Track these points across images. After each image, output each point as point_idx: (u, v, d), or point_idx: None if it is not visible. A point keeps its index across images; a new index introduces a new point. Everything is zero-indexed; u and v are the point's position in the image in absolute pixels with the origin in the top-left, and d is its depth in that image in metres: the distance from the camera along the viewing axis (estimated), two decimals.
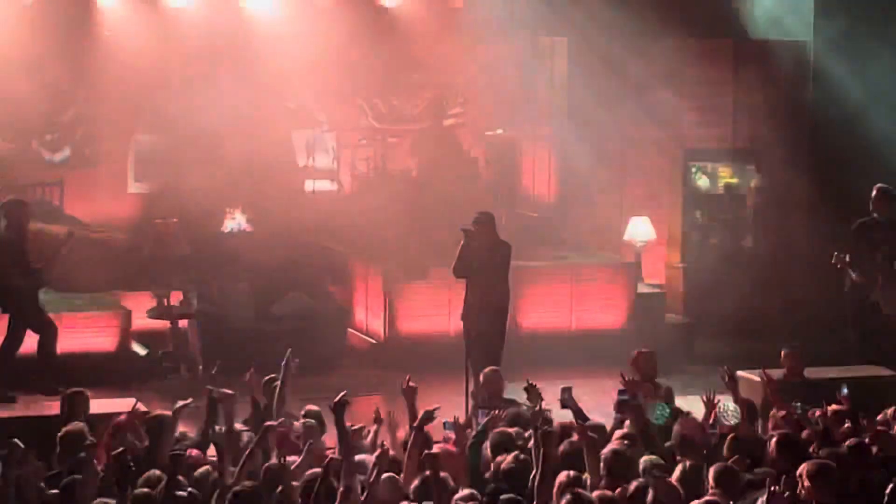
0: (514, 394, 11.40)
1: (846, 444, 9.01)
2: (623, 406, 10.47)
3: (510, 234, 14.75)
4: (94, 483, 8.23)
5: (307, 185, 18.70)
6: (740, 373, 11.52)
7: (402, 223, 17.93)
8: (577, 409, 10.14)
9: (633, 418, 9.79)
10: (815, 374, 12.78)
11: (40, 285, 14.06)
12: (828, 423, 9.89)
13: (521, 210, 18.67)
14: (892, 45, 16.98)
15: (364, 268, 17.35)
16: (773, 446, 8.84)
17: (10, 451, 8.33)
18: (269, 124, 18.63)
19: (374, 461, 8.55)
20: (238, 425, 9.87)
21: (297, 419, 10.05)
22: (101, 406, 11.25)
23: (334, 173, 19.43)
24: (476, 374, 13.14)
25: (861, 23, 16.99)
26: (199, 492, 8.25)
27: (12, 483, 8.27)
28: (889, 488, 8.19)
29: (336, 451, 8.95)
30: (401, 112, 19.86)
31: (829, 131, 16.96)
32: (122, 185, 18.87)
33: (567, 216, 18.15)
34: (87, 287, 16.23)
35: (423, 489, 8.24)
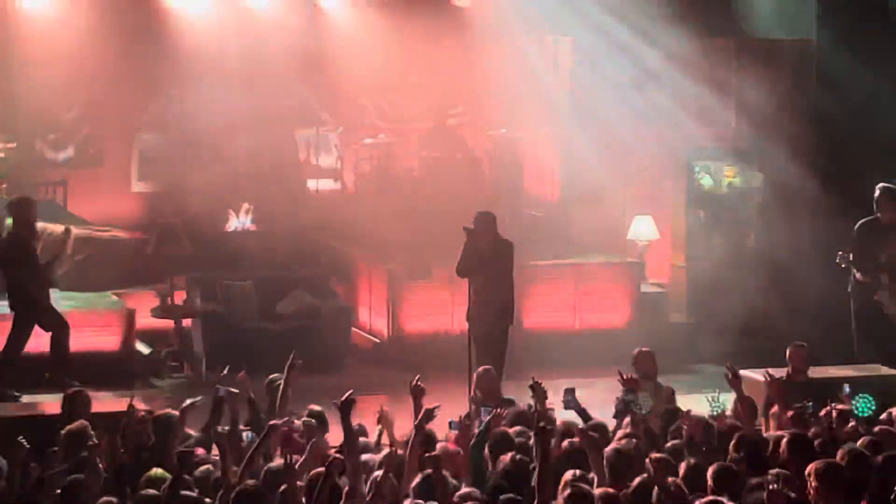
0: (519, 392, 11.40)
1: (857, 444, 9.00)
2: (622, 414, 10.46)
3: (514, 233, 14.74)
4: (97, 482, 8.23)
5: (311, 184, 18.69)
6: (743, 372, 11.50)
7: (405, 222, 17.94)
8: (580, 409, 10.15)
9: (634, 417, 9.82)
10: (817, 373, 12.77)
11: (50, 283, 14.06)
12: (832, 422, 9.90)
13: (524, 209, 18.67)
14: None
15: (368, 267, 17.35)
16: (784, 446, 8.81)
17: (15, 451, 8.36)
18: (273, 123, 18.63)
19: (382, 461, 8.56)
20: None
21: (300, 418, 10.04)
22: (103, 405, 11.25)
23: (338, 172, 19.44)
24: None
25: (865, 21, 16.96)
26: (201, 490, 8.25)
27: (17, 482, 8.30)
28: None
29: (338, 450, 8.98)
30: (404, 111, 19.87)
31: (833, 130, 16.93)
32: (126, 185, 18.90)
33: (571, 215, 18.15)
34: (91, 286, 16.25)
35: (423, 487, 8.24)
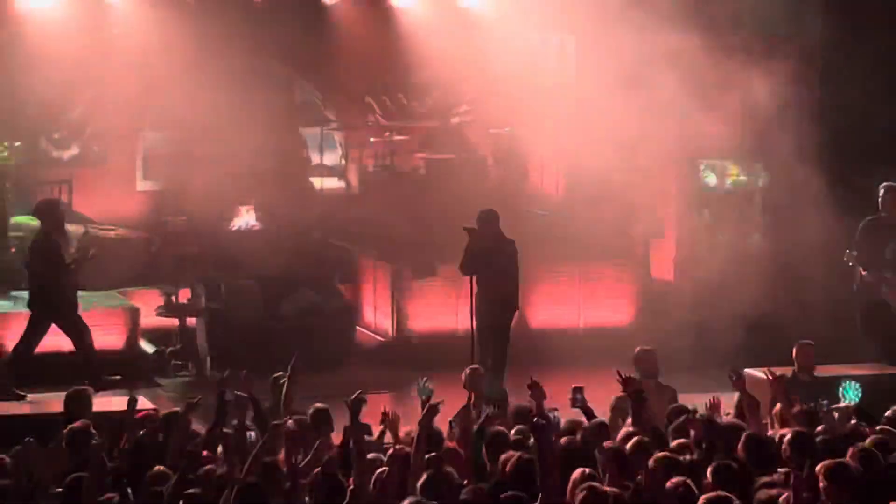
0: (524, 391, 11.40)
1: (866, 442, 9.00)
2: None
3: (518, 232, 14.74)
4: (101, 480, 8.23)
5: (315, 183, 18.69)
6: (748, 370, 11.49)
7: (410, 221, 17.96)
8: (587, 408, 10.16)
9: (635, 414, 9.84)
10: (823, 371, 12.76)
11: (76, 286, 14.08)
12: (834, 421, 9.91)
13: (529, 208, 18.67)
14: None
15: (372, 265, 17.36)
16: (786, 445, 8.82)
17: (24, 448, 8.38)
18: (277, 122, 18.62)
19: (388, 460, 8.56)
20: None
21: (305, 417, 10.04)
22: (105, 404, 11.26)
23: (342, 171, 19.44)
24: (484, 369, 13.24)
25: (870, 19, 16.95)
26: (204, 490, 8.25)
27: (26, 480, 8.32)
28: None
29: (340, 449, 9.01)
30: (409, 110, 19.86)
31: (837, 128, 16.92)
32: (131, 184, 18.90)
33: (575, 214, 18.12)
34: (96, 285, 16.26)
35: (429, 485, 8.24)
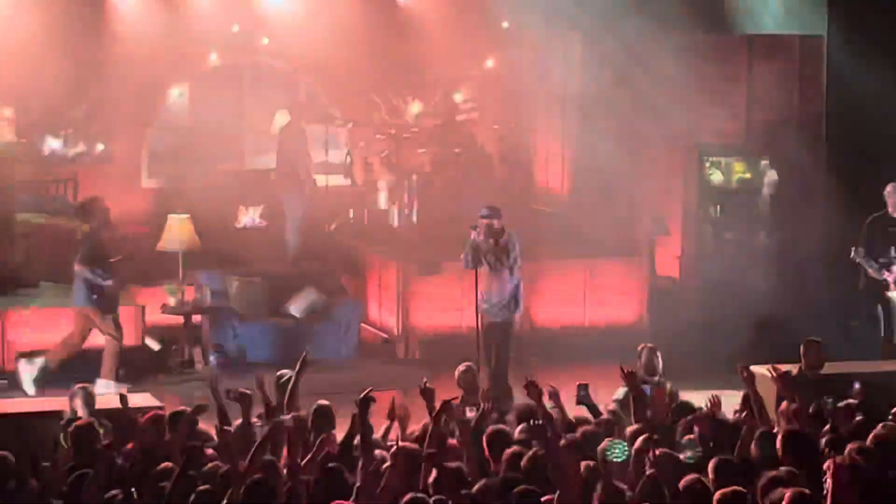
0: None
1: (872, 440, 8.99)
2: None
3: (524, 229, 14.73)
4: (105, 477, 8.24)
5: (321, 180, 18.68)
6: (753, 368, 11.46)
7: (415, 218, 17.96)
8: (592, 405, 10.15)
9: (637, 410, 9.85)
10: (828, 369, 12.73)
11: (122, 284, 14.32)
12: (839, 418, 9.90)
13: (534, 205, 18.66)
14: None
15: (378, 262, 17.35)
16: (780, 442, 8.83)
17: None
18: (282, 119, 18.61)
19: (393, 456, 8.56)
20: (254, 419, 9.90)
21: (306, 414, 10.03)
22: (108, 401, 11.24)
23: (348, 168, 19.43)
24: (488, 367, 13.24)
25: (876, 15, 16.91)
26: (209, 486, 8.25)
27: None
28: None
29: (341, 447, 9.02)
30: (414, 107, 19.84)
31: (843, 125, 16.90)
32: (136, 181, 18.92)
33: (581, 211, 18.10)
34: None
35: (440, 481, 8.24)
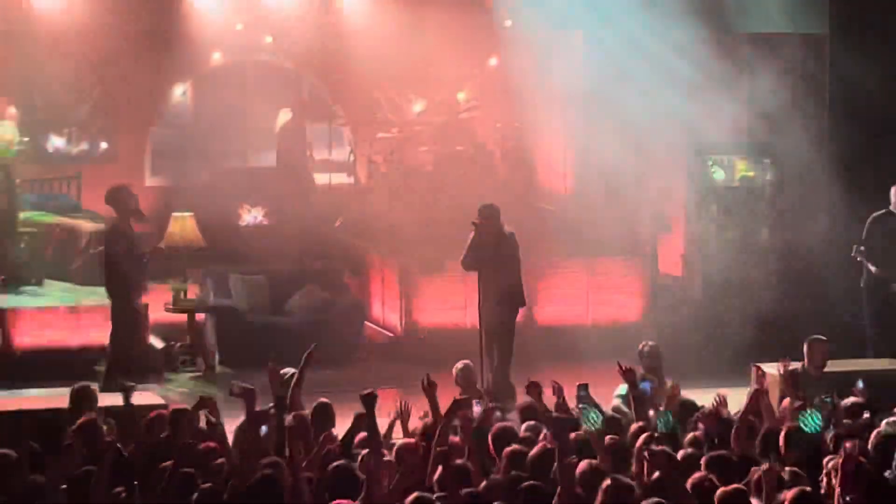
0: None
1: (872, 438, 9.01)
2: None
3: (526, 227, 14.74)
4: (108, 474, 8.26)
5: (324, 178, 18.72)
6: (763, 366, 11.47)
7: (418, 216, 17.96)
8: (594, 405, 10.15)
9: (637, 408, 9.86)
10: (831, 367, 12.74)
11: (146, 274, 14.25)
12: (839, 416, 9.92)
13: (537, 203, 18.67)
14: None
15: (380, 261, 17.36)
16: (782, 439, 8.86)
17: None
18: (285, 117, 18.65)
19: (396, 453, 8.58)
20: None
21: (307, 412, 10.04)
22: (111, 399, 11.26)
23: (351, 167, 19.45)
24: (490, 364, 13.26)
25: (878, 13, 16.92)
26: (213, 483, 8.28)
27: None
28: None
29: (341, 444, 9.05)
30: (417, 105, 19.85)
31: (846, 123, 16.90)
32: (139, 179, 18.94)
33: (583, 209, 18.11)
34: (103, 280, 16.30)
35: (446, 478, 8.26)
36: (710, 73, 17.06)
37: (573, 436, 8.89)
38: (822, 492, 7.98)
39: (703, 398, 10.83)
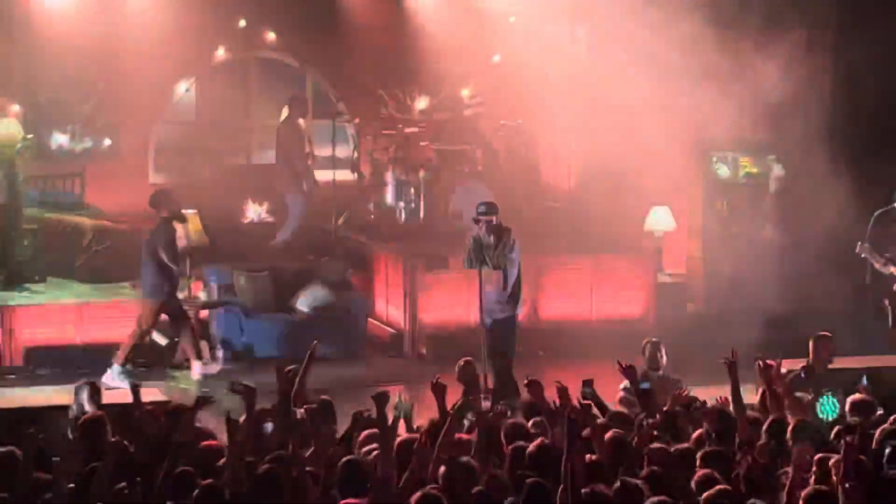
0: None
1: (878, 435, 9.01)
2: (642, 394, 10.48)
3: (531, 224, 14.75)
4: (114, 471, 8.26)
5: (328, 175, 18.68)
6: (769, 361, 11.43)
7: (422, 213, 17.95)
8: (598, 401, 10.15)
9: (643, 404, 9.85)
10: (835, 364, 12.73)
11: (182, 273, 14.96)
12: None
13: (541, 200, 18.65)
14: None
15: (384, 257, 17.35)
16: (789, 434, 8.85)
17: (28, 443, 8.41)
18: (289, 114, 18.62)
19: (398, 450, 8.56)
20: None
21: (308, 409, 10.02)
22: (115, 396, 11.27)
23: (355, 163, 19.43)
24: (493, 364, 13.25)
25: (883, 8, 16.89)
26: (217, 479, 8.27)
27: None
28: None
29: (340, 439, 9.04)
30: (421, 102, 19.83)
31: (850, 119, 16.88)
32: (143, 176, 18.94)
33: (587, 206, 18.11)
34: (110, 277, 16.31)
35: (450, 475, 8.24)
36: (714, 69, 17.04)
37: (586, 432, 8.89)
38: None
39: (705, 395, 10.83)
